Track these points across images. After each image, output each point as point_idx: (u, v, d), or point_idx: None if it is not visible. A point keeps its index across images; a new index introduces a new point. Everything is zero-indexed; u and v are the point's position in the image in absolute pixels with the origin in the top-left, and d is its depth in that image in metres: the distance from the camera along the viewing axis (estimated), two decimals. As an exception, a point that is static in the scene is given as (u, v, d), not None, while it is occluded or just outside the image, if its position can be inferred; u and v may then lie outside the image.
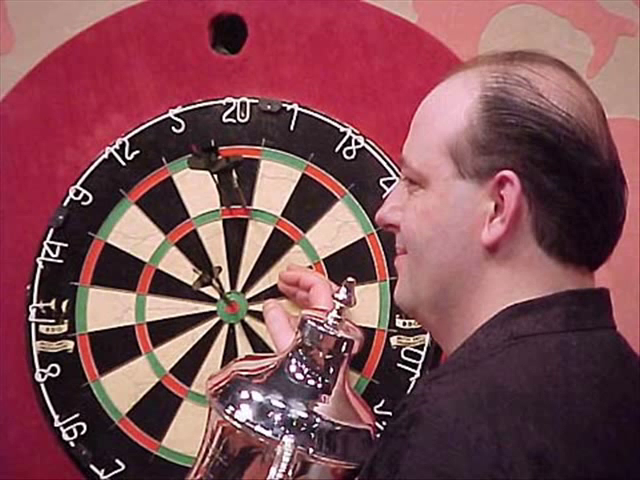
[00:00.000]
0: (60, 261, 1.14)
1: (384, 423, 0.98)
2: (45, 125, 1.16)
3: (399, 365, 1.10)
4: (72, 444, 1.12)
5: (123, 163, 1.14)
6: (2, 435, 1.14)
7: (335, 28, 1.15)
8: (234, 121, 1.14)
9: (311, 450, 0.87)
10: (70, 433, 1.12)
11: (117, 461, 1.11)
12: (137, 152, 1.14)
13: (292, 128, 1.14)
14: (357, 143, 1.13)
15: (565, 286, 0.83)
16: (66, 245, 1.14)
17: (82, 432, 1.12)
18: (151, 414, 1.12)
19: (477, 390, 0.75)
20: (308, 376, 0.91)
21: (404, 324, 1.10)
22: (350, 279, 0.93)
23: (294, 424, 0.87)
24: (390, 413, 1.04)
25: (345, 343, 0.93)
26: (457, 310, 0.86)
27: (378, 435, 0.92)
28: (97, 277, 1.14)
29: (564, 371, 0.78)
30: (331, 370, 0.92)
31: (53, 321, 1.13)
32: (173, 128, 1.14)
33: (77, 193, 1.14)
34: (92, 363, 1.13)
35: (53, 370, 1.13)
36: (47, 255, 1.14)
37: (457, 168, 0.83)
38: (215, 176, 1.09)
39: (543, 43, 1.23)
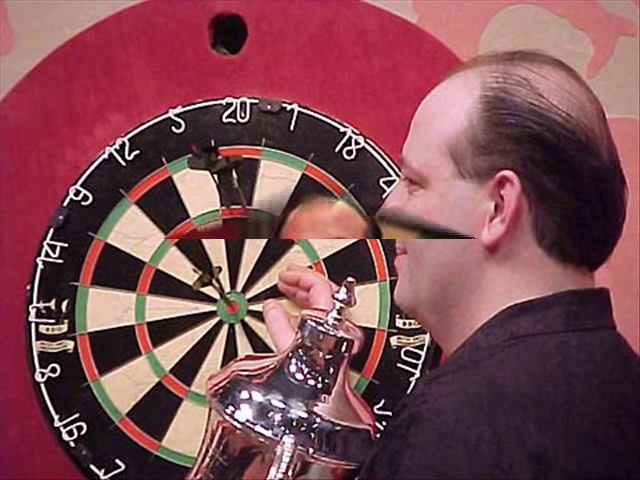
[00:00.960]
0: (60, 261, 1.14)
1: (384, 423, 0.98)
2: (45, 125, 1.16)
3: (399, 365, 1.10)
4: (72, 444, 1.12)
5: (123, 163, 1.14)
6: (2, 435, 1.14)
7: (335, 28, 1.15)
8: (234, 121, 1.14)
9: (311, 450, 0.87)
10: (70, 433, 1.12)
11: (117, 461, 1.11)
12: (137, 152, 1.14)
13: (292, 128, 1.13)
14: (357, 143, 1.13)
15: (565, 286, 0.83)
16: (66, 245, 1.14)
17: (82, 432, 1.12)
18: (151, 414, 1.12)
19: (477, 390, 0.75)
20: (308, 376, 0.91)
21: (404, 324, 1.10)
22: (350, 279, 0.93)
23: (294, 424, 0.87)
24: (390, 413, 1.04)
25: (345, 343, 0.92)
26: (457, 310, 0.86)
27: (378, 435, 0.92)
28: (97, 277, 1.14)
29: (564, 371, 0.78)
30: (331, 370, 0.92)
31: (53, 321, 1.13)
32: (173, 128, 1.14)
33: (77, 193, 1.14)
34: (92, 363, 1.13)
35: (53, 370, 1.13)
36: (47, 255, 1.14)
37: (457, 168, 0.83)
38: (215, 176, 1.09)
39: (543, 43, 1.23)
